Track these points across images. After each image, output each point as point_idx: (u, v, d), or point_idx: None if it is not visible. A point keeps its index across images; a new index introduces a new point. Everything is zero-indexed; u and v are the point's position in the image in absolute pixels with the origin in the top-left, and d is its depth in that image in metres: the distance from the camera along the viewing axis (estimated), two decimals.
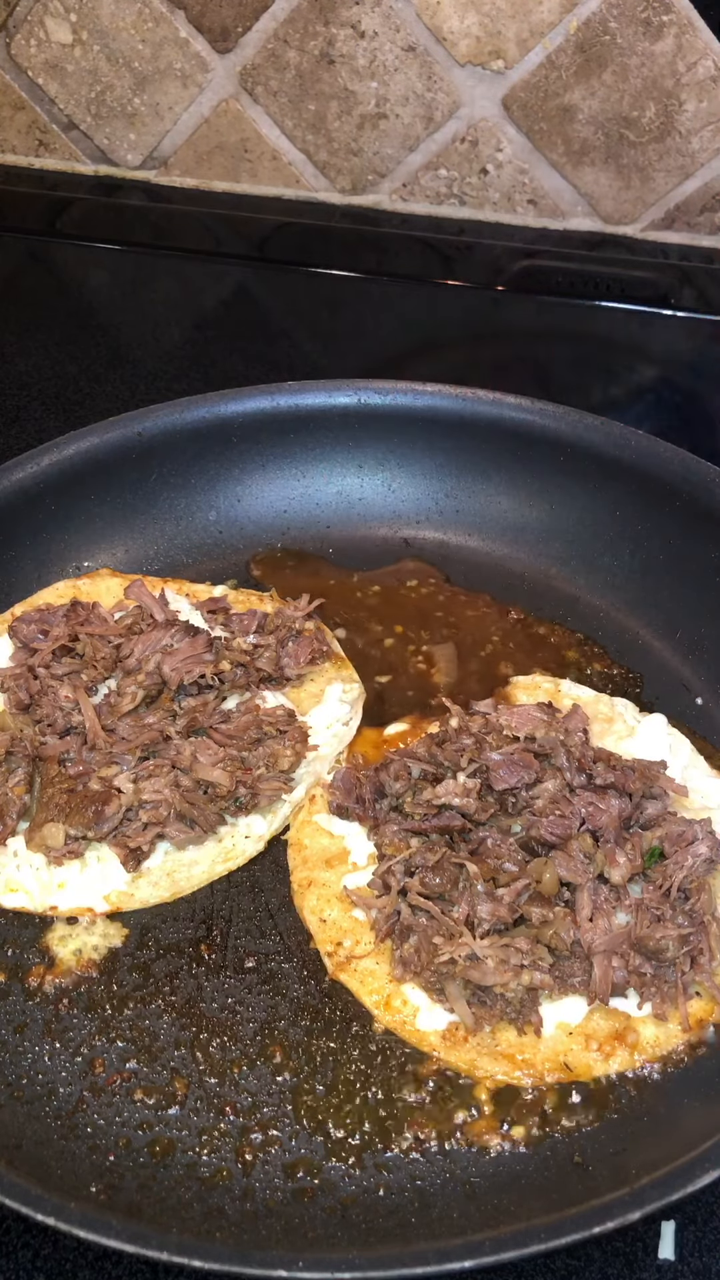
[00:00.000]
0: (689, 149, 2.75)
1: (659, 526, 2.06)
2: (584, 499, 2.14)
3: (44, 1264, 1.42)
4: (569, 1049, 1.50)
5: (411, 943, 1.56)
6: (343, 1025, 1.55)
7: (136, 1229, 1.28)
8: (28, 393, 2.69)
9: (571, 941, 1.53)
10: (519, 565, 2.16)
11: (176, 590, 2.05)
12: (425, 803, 1.64)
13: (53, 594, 2.04)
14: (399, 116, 2.88)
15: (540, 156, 2.86)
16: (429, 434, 2.22)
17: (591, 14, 2.63)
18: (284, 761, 1.78)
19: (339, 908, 1.65)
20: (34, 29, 2.97)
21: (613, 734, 1.83)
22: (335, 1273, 1.23)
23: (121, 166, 3.18)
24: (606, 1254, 1.41)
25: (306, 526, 2.23)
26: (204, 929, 1.66)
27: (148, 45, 2.92)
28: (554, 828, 1.59)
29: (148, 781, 1.71)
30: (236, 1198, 1.40)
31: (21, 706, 1.81)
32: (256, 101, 2.95)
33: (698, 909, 1.57)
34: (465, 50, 2.74)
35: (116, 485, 2.15)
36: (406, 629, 2.06)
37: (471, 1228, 1.36)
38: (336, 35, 2.80)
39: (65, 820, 1.69)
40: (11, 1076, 1.51)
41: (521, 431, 2.17)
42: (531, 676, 1.96)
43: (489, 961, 1.50)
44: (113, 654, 1.85)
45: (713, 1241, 1.43)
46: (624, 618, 2.06)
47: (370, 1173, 1.42)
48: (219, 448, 2.21)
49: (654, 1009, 1.52)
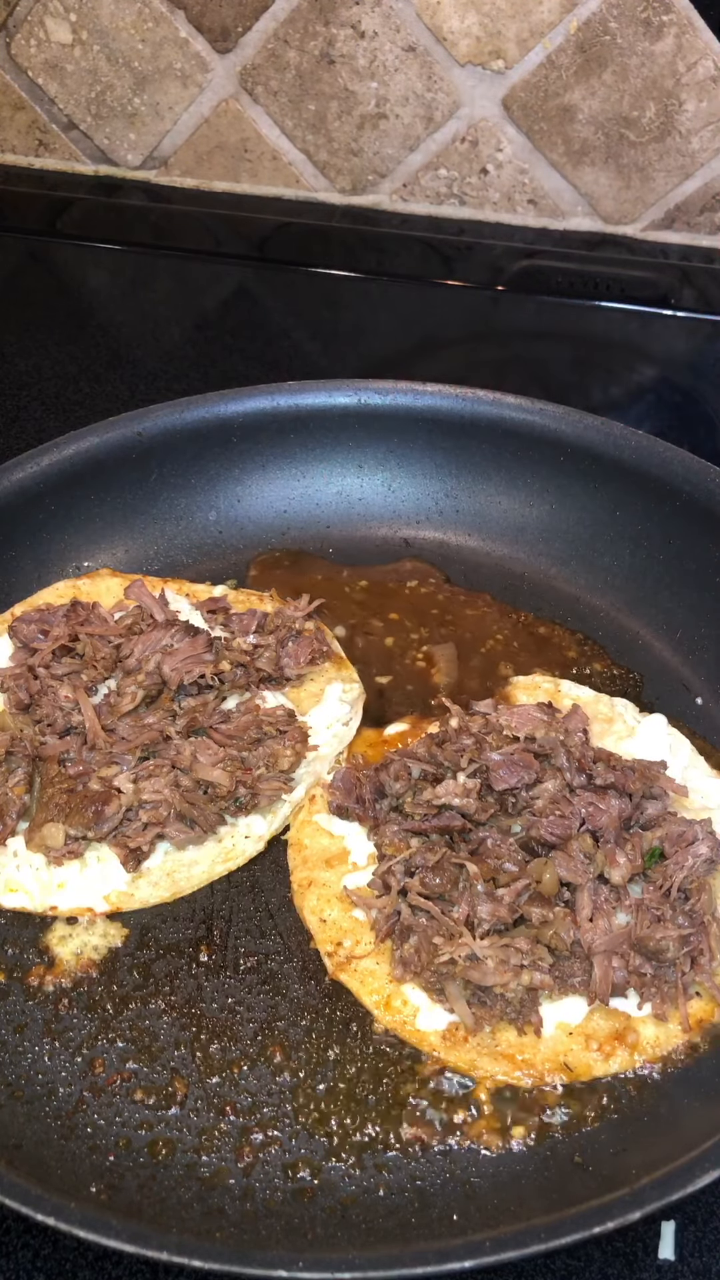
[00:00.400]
0: (689, 149, 2.75)
1: (659, 526, 2.06)
2: (584, 499, 2.14)
3: (44, 1264, 1.42)
4: (569, 1049, 1.50)
5: (411, 943, 1.56)
6: (343, 1025, 1.55)
7: (136, 1229, 1.27)
8: (28, 393, 2.69)
9: (571, 941, 1.53)
10: (519, 565, 2.16)
11: (176, 590, 2.05)
12: (425, 803, 1.64)
13: (53, 594, 2.04)
14: (399, 116, 2.88)
15: (540, 156, 2.86)
16: (429, 434, 2.22)
17: (591, 14, 2.63)
18: (284, 761, 1.78)
19: (339, 908, 1.65)
20: (34, 29, 2.98)
21: (613, 734, 1.83)
22: (335, 1273, 1.23)
23: (121, 166, 3.18)
24: (606, 1254, 1.41)
25: (306, 526, 2.23)
26: (204, 929, 1.66)
27: (148, 45, 2.92)
28: (554, 828, 1.59)
29: (148, 781, 1.71)
30: (236, 1198, 1.40)
31: (21, 706, 1.81)
32: (256, 101, 2.95)
33: (698, 909, 1.57)
34: (465, 50, 2.74)
35: (116, 485, 2.15)
36: (407, 629, 2.06)
37: (471, 1228, 1.36)
38: (336, 35, 2.80)
39: (65, 820, 1.69)
40: (11, 1076, 1.51)
41: (521, 431, 2.17)
42: (531, 676, 1.96)
43: (489, 962, 1.50)
44: (113, 654, 1.85)
45: (713, 1241, 1.43)
46: (624, 618, 2.06)
47: (370, 1173, 1.42)
48: (219, 448, 2.21)
49: (654, 1009, 1.52)
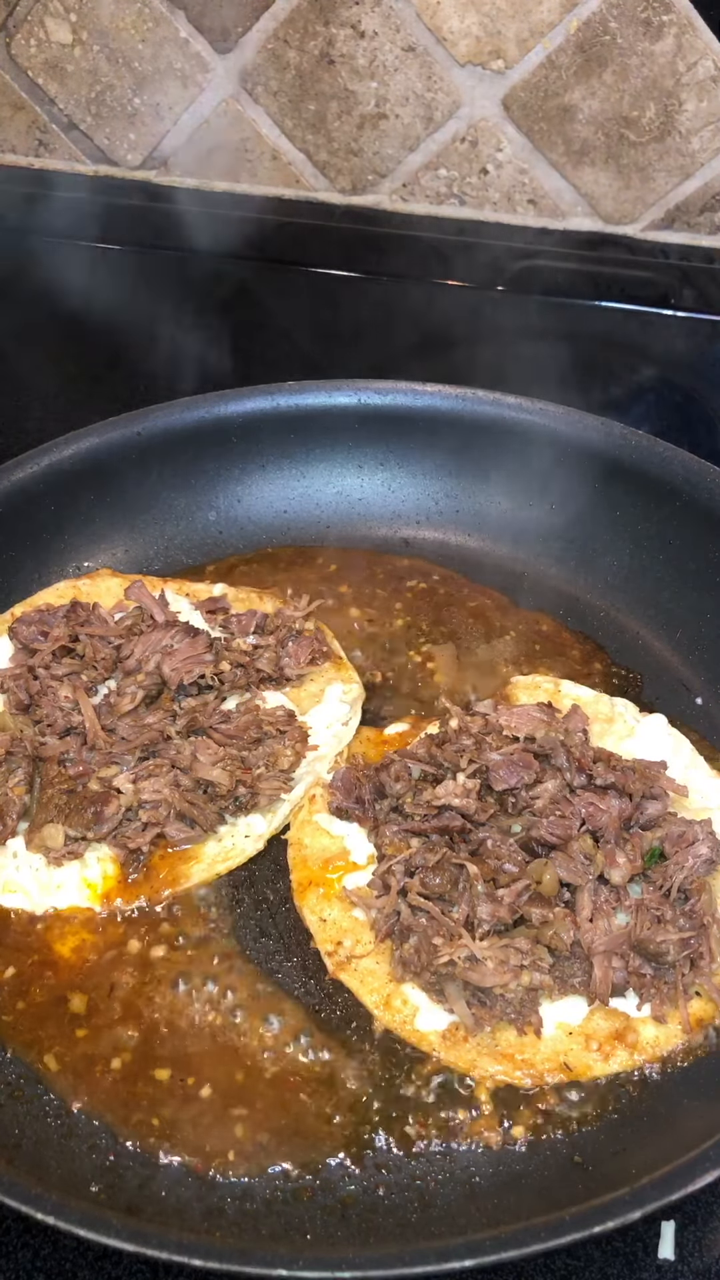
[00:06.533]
0: (689, 149, 2.75)
1: (659, 526, 2.06)
2: (584, 499, 2.14)
3: (44, 1264, 1.42)
4: (569, 1049, 1.50)
5: (411, 943, 1.56)
6: (342, 1025, 1.55)
7: (136, 1228, 1.28)
8: (28, 393, 2.69)
9: (571, 942, 1.53)
10: (519, 565, 2.16)
11: (176, 590, 2.05)
12: (425, 803, 1.64)
13: (53, 594, 2.04)
14: (399, 116, 2.87)
15: (540, 156, 2.86)
16: (429, 434, 2.22)
17: (591, 14, 2.63)
18: (284, 761, 1.78)
19: (339, 907, 1.65)
20: (34, 29, 2.97)
21: (613, 734, 1.83)
22: (335, 1272, 1.23)
23: (121, 166, 3.17)
24: (606, 1254, 1.41)
25: (306, 526, 2.23)
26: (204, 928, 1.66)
27: (148, 45, 2.92)
28: (554, 828, 1.59)
29: (147, 781, 1.71)
30: (236, 1197, 1.40)
31: (21, 707, 1.81)
32: (256, 101, 2.95)
33: (698, 910, 1.57)
34: (465, 50, 2.74)
35: (116, 485, 2.15)
36: (406, 629, 2.06)
37: (472, 1227, 1.36)
38: (336, 35, 2.80)
39: (65, 821, 1.69)
40: (11, 1076, 1.51)
41: (521, 431, 2.17)
42: (531, 676, 1.96)
43: (489, 963, 1.50)
44: (113, 654, 1.85)
45: (713, 1241, 1.43)
46: (624, 618, 2.06)
47: (370, 1172, 1.42)
48: (219, 448, 2.21)
49: (653, 1010, 1.52)
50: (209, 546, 2.19)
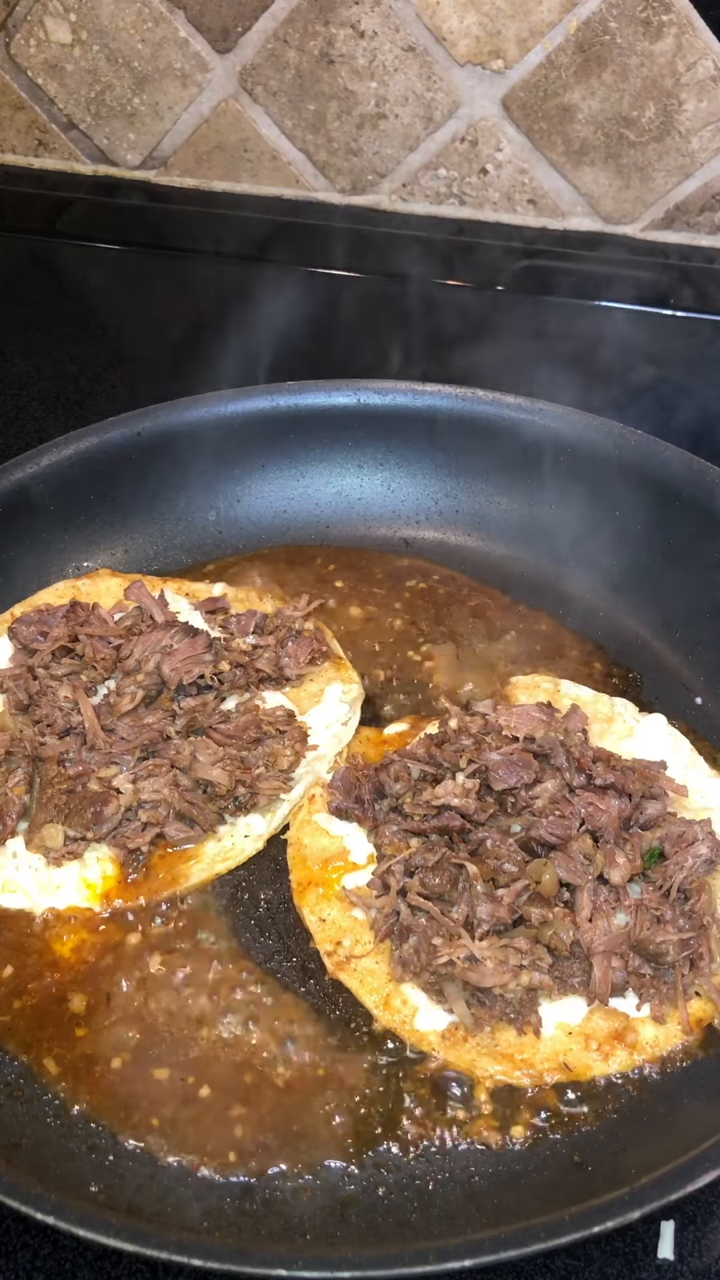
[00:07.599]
0: (689, 149, 2.75)
1: (659, 526, 2.06)
2: (584, 499, 2.13)
3: (44, 1264, 1.42)
4: (568, 1049, 1.50)
5: (411, 943, 1.56)
6: (342, 1025, 1.55)
7: (136, 1228, 1.28)
8: (28, 393, 2.69)
9: (571, 942, 1.53)
10: (519, 565, 2.16)
11: (176, 590, 2.05)
12: (425, 803, 1.64)
13: (52, 594, 2.04)
14: (399, 116, 2.87)
15: (540, 156, 2.86)
16: (429, 434, 2.22)
17: (591, 14, 2.63)
18: (283, 761, 1.78)
19: (338, 907, 1.65)
20: (34, 29, 2.97)
21: (613, 734, 1.83)
22: (335, 1272, 1.23)
23: (121, 166, 3.17)
24: (606, 1254, 1.41)
25: (306, 526, 2.23)
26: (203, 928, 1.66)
27: (147, 45, 2.92)
28: (554, 828, 1.59)
29: (147, 781, 1.71)
30: (236, 1197, 1.40)
31: (21, 707, 1.81)
32: (256, 101, 2.95)
33: (698, 910, 1.57)
34: (465, 50, 2.74)
35: (116, 485, 2.15)
36: (406, 629, 2.06)
37: (471, 1227, 1.36)
38: (336, 35, 2.80)
39: (64, 821, 1.69)
40: (11, 1076, 1.51)
41: (521, 431, 2.16)
42: (531, 676, 1.96)
43: (488, 963, 1.50)
44: (112, 655, 1.85)
45: (712, 1241, 1.43)
46: (624, 618, 2.06)
47: (370, 1173, 1.42)
48: (218, 448, 2.21)
49: (653, 1010, 1.52)
50: (208, 546, 2.19)
